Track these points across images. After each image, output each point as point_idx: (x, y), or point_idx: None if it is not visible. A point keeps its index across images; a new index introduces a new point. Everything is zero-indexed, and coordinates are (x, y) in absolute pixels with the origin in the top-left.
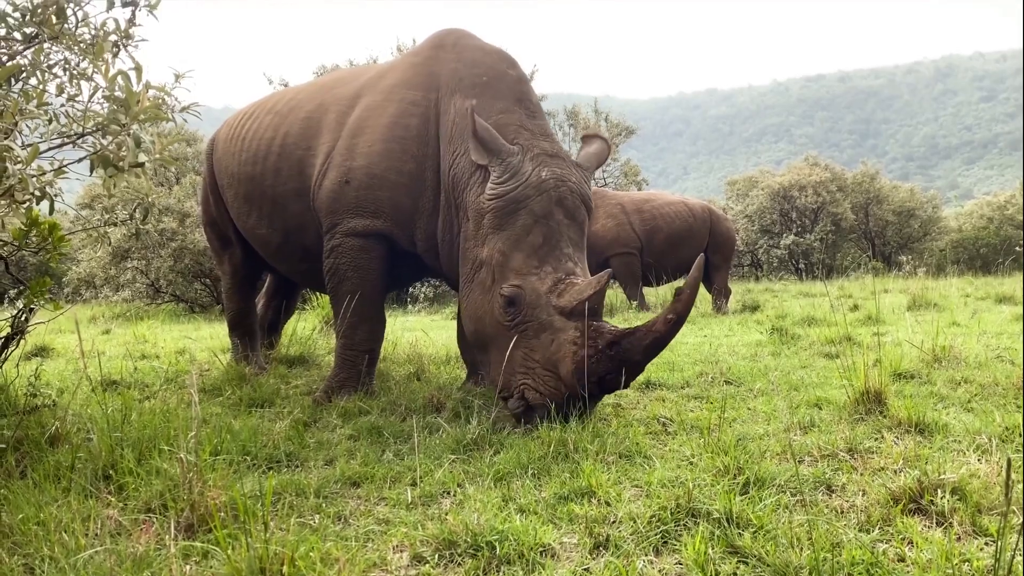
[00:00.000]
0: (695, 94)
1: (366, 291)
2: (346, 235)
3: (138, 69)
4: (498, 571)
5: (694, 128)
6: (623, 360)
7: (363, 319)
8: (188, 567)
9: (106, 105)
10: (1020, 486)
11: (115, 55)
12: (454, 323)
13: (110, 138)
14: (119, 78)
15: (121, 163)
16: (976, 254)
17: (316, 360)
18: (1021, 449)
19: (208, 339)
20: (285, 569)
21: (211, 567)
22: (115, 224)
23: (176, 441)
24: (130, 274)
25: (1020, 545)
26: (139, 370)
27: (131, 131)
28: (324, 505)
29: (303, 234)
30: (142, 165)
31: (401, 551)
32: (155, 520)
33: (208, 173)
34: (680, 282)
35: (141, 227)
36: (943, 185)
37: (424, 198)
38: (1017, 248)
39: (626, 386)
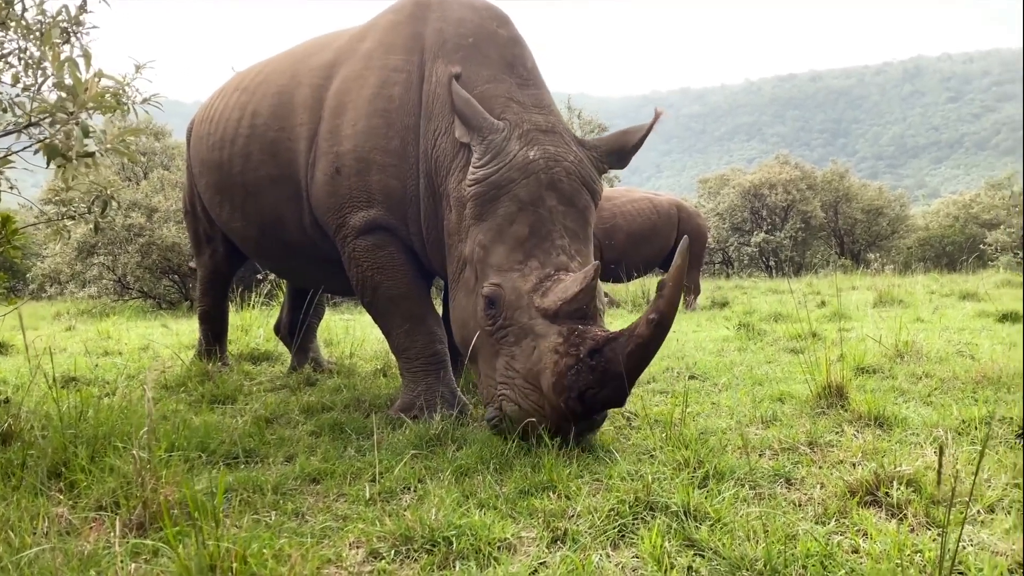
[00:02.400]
0: (669, 93)
1: (403, 290)
2: (355, 237)
3: (86, 56)
4: (454, 566)
5: (667, 127)
6: (606, 371)
7: (415, 322)
8: (136, 565)
9: (56, 93)
10: (974, 477)
11: (64, 41)
12: None
13: (58, 127)
14: (67, 65)
15: (70, 153)
16: (942, 252)
17: (281, 357)
18: (1020, 443)
19: (174, 335)
20: (236, 566)
21: (161, 564)
22: (72, 218)
23: (132, 438)
24: (96, 270)
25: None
26: (100, 366)
27: (79, 120)
28: (281, 502)
29: (281, 227)
30: (92, 155)
31: (358, 547)
32: (106, 518)
33: (188, 161)
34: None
35: (100, 220)
36: (911, 184)
37: (411, 180)
38: (981, 246)
39: (620, 404)
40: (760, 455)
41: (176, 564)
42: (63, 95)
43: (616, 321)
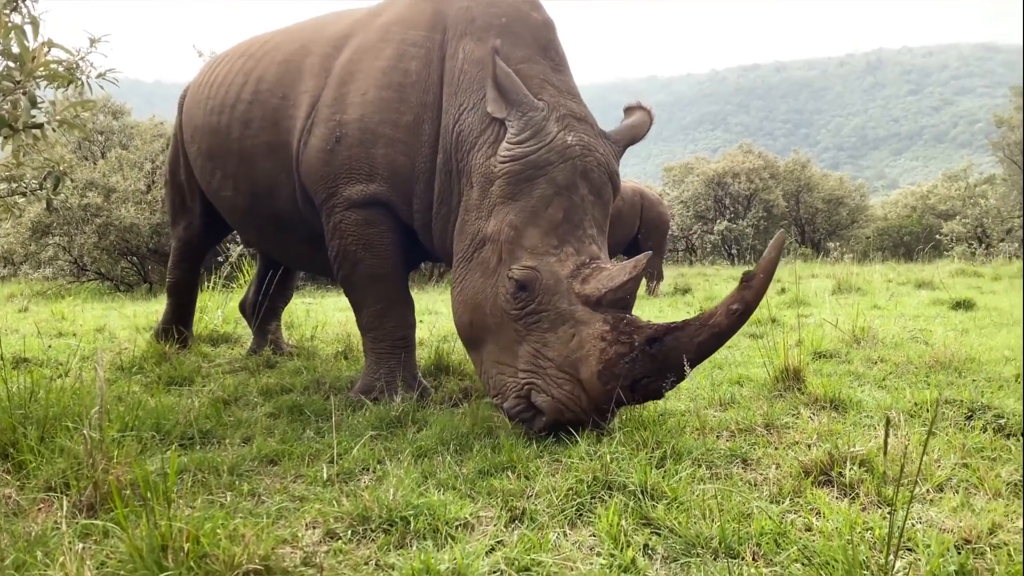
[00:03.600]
0: (636, 81)
1: (386, 271)
2: (345, 209)
3: (34, 24)
4: (411, 545)
5: None
6: (667, 360)
7: (390, 303)
8: (85, 546)
9: (3, 62)
10: (921, 456)
11: (13, 9)
12: None
13: (3, 96)
14: (13, 33)
15: (17, 124)
16: (900, 241)
17: (241, 339)
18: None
19: (131, 317)
20: (188, 546)
21: (111, 545)
22: (24, 194)
23: (84, 419)
24: (52, 251)
25: (908, 513)
26: (53, 348)
27: (26, 89)
28: (237, 483)
29: (273, 198)
30: (40, 127)
31: (314, 527)
32: (55, 499)
33: (177, 128)
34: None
35: (52, 197)
36: (871, 175)
37: (421, 157)
38: (937, 236)
39: (661, 396)
40: (718, 436)
41: (126, 544)
42: (10, 64)
43: None
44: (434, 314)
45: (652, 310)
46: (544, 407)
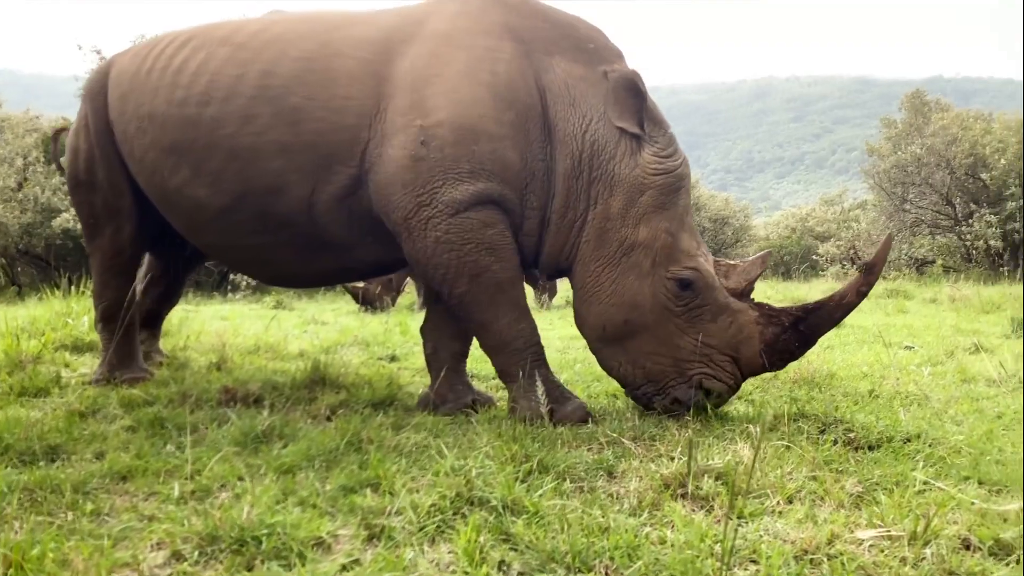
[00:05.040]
0: None
1: (512, 274)
2: (452, 216)
3: None
4: (262, 566)
5: None
6: (811, 334)
7: (522, 310)
8: None
9: None
10: (751, 468)
11: None
12: (272, 312)
13: None
14: None
15: None
16: (780, 261)
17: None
18: None
19: None
20: (10, 573)
21: None
22: None
23: None
24: None
25: (736, 524)
26: None
27: None
28: (80, 501)
29: (273, 199)
30: None
31: (160, 549)
32: None
33: (93, 120)
34: None
35: None
36: (756, 197)
37: (531, 157)
38: (814, 256)
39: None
40: (588, 449)
41: None
42: None
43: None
44: (320, 324)
45: (543, 322)
46: (718, 389)
